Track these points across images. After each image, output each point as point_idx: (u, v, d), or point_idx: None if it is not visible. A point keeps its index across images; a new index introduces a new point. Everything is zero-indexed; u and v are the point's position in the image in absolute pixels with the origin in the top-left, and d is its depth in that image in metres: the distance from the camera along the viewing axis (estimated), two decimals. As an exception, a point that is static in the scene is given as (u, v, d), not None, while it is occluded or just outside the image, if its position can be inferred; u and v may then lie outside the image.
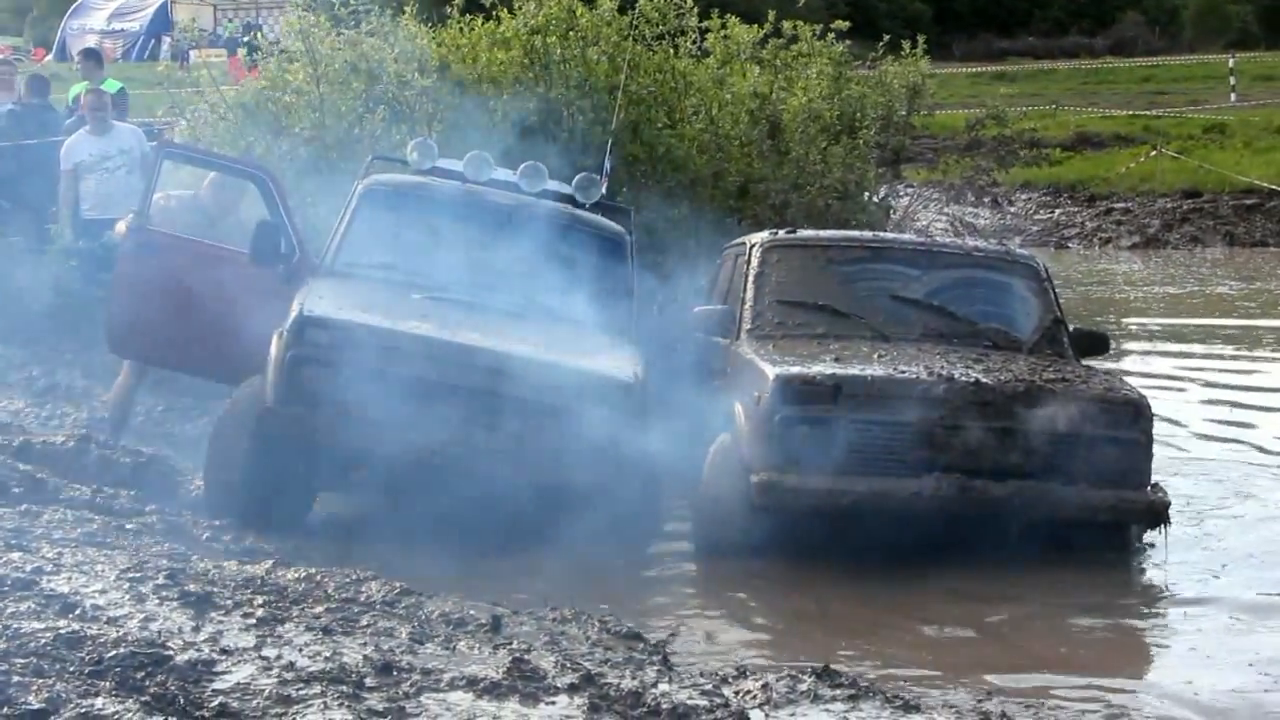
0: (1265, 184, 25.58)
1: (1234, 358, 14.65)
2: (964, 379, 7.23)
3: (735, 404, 7.58)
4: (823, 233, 9.31)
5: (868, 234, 9.72)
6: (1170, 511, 7.42)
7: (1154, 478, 7.51)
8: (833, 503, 7.07)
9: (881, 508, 7.07)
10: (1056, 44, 51.35)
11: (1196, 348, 15.02)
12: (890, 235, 9.82)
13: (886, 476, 7.10)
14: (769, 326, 8.20)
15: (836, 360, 7.44)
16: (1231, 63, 38.36)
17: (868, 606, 6.84)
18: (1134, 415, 7.35)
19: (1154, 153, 28.06)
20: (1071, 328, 8.57)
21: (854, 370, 7.29)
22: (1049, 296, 8.52)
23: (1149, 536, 7.66)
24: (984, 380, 7.24)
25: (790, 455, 7.14)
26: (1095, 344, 8.57)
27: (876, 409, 7.14)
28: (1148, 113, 34.72)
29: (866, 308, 8.25)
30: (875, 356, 7.52)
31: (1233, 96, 36.28)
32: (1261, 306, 18.47)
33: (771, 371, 7.31)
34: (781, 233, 8.87)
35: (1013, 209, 23.03)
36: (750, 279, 8.47)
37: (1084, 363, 8.25)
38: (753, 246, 8.70)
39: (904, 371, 7.29)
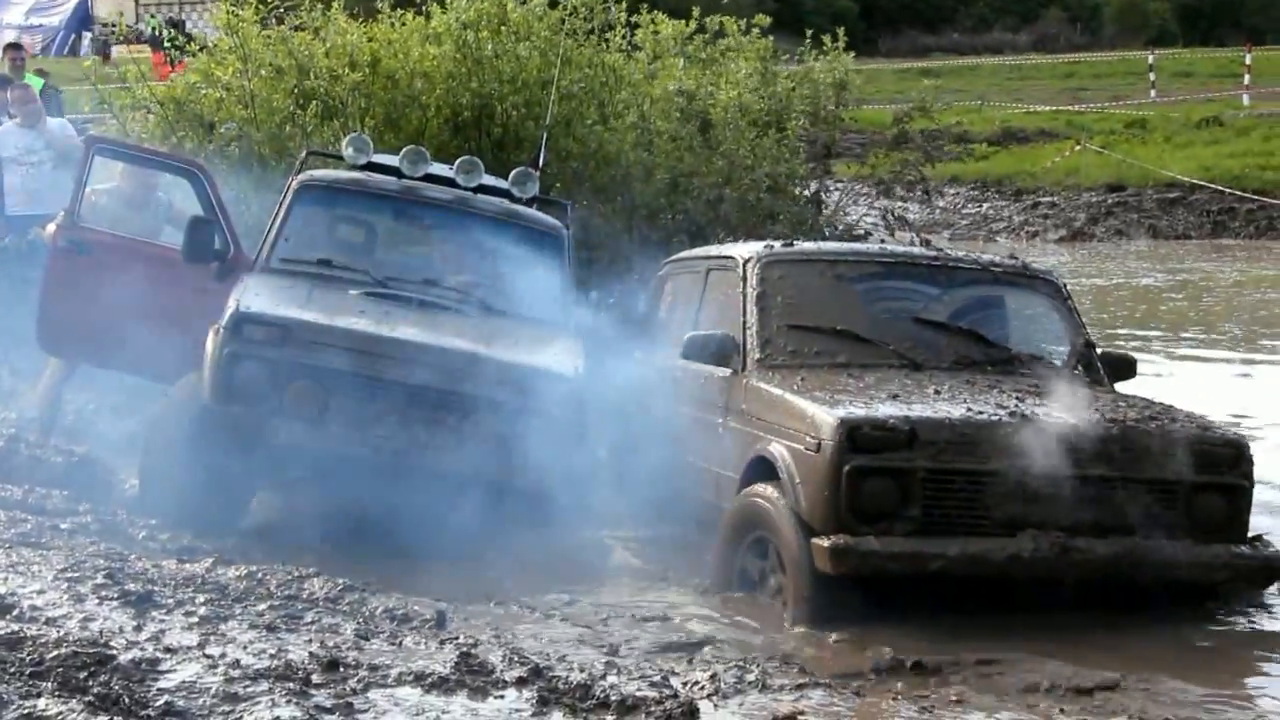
0: (1187, 178, 25.93)
1: (1163, 351, 14.85)
2: (1050, 420, 6.39)
3: (777, 449, 6.60)
4: (825, 246, 8.51)
5: (874, 247, 8.94)
6: None
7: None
8: (920, 567, 6.16)
9: (975, 572, 6.20)
10: (981, 40, 51.81)
11: (1124, 345, 15.18)
12: (900, 248, 9.00)
13: (976, 536, 6.21)
14: (781, 355, 7.25)
15: (897, 399, 6.52)
16: (1151, 59, 38.84)
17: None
18: (1236, 457, 6.56)
19: (1078, 147, 28.38)
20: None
21: (928, 412, 6.37)
22: (1075, 317, 7.79)
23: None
24: (1073, 421, 6.40)
25: (864, 514, 6.21)
26: (1123, 368, 7.82)
27: (958, 457, 6.25)
28: (1070, 108, 35.12)
29: (889, 332, 7.35)
30: (933, 392, 6.65)
31: (1152, 93, 36.74)
32: (1188, 298, 18.74)
33: (832, 414, 6.33)
34: (778, 245, 7.91)
35: (941, 203, 23.18)
36: (751, 300, 7.46)
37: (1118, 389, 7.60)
38: (747, 262, 7.68)
39: (982, 413, 6.41)
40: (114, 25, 20.00)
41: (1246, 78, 35.57)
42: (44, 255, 8.93)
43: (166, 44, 32.32)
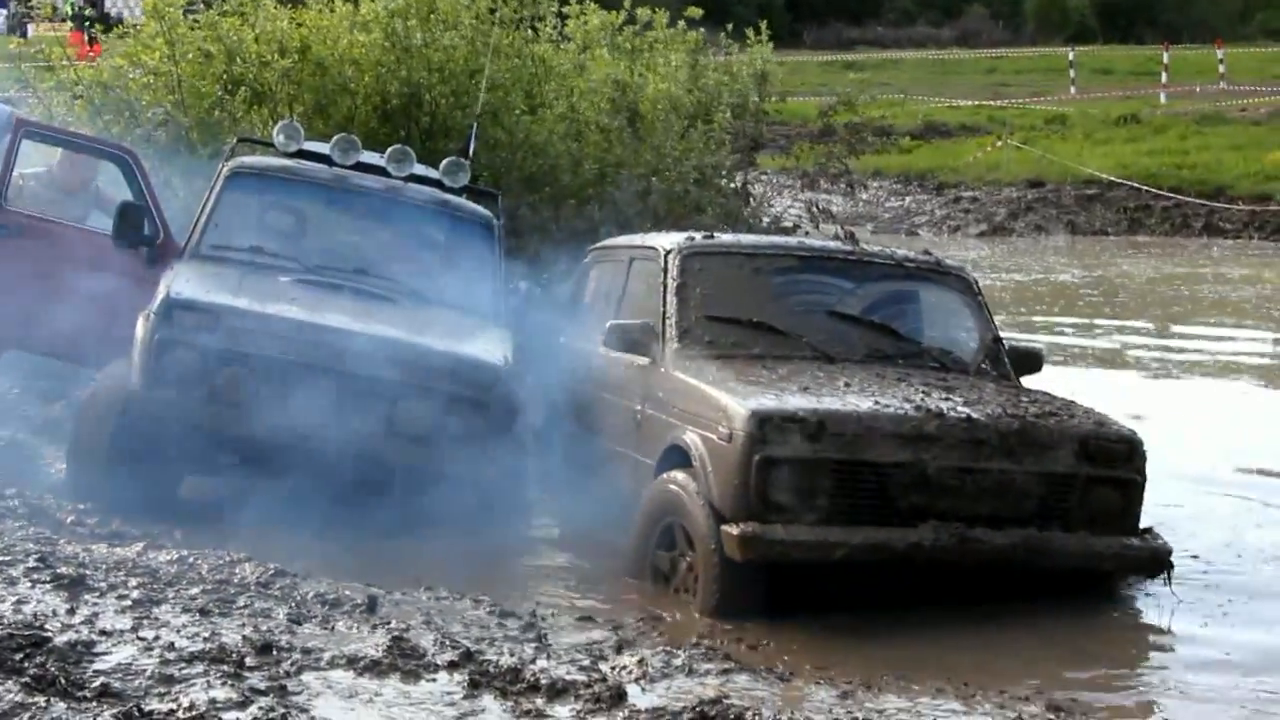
0: (1105, 175, 26.34)
1: (1077, 345, 15.12)
2: (954, 415, 6.58)
3: (691, 438, 6.74)
4: (744, 238, 8.60)
5: (792, 240, 9.08)
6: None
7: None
8: (825, 555, 6.33)
9: (878, 560, 6.37)
10: (904, 33, 52.22)
11: (1042, 337, 15.45)
12: (818, 242, 9.01)
13: (878, 526, 6.39)
14: (699, 345, 7.36)
15: (807, 391, 6.68)
16: (1071, 56, 39.34)
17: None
18: (1129, 452, 6.78)
19: (999, 143, 28.74)
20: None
21: (837, 405, 6.52)
22: (985, 312, 7.98)
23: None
24: (975, 416, 6.60)
25: (772, 503, 6.36)
26: (1029, 362, 8.01)
27: (864, 449, 6.42)
28: (992, 103, 35.52)
29: (804, 325, 7.52)
30: (843, 385, 6.80)
31: (1072, 89, 37.23)
32: (1104, 294, 19.06)
33: (744, 406, 6.48)
34: (698, 237, 7.99)
35: (865, 196, 23.40)
36: (671, 290, 7.59)
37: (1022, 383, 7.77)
38: (668, 253, 7.78)
39: (888, 406, 6.57)
40: (34, 4, 19.66)
41: (1164, 76, 36.12)
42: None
43: (86, 23, 31.90)
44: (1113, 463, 6.73)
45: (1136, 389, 12.63)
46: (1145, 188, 25.83)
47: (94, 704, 4.29)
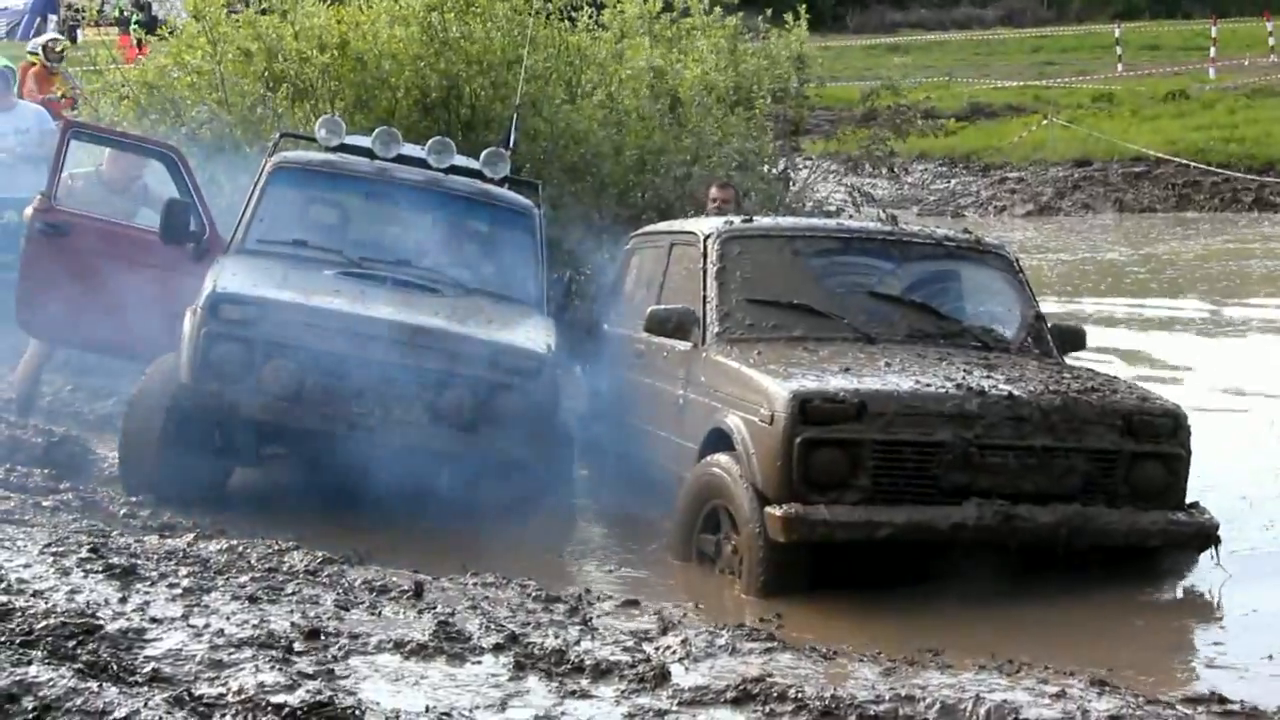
0: (1153, 152, 26.10)
1: (1126, 323, 15.04)
2: (996, 392, 6.58)
3: (733, 420, 6.79)
4: (783, 221, 8.62)
5: (831, 222, 9.10)
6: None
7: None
8: (869, 535, 6.36)
9: (921, 539, 6.41)
10: (948, 15, 51.87)
11: (1089, 307, 15.38)
12: (856, 224, 9.09)
13: (921, 505, 6.43)
14: (739, 329, 7.41)
15: (848, 372, 6.70)
16: (1118, 33, 38.98)
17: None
18: (1174, 426, 6.77)
19: (1045, 122, 28.53)
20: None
21: (878, 385, 6.55)
22: (1026, 290, 7.98)
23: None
24: (1017, 394, 6.61)
25: (814, 484, 6.41)
26: (1072, 340, 7.99)
27: (905, 428, 6.44)
28: (1038, 83, 35.23)
29: (845, 306, 7.54)
30: (884, 365, 6.83)
31: (1119, 66, 36.89)
32: (1152, 271, 18.93)
33: (784, 387, 6.51)
34: (737, 221, 8.00)
35: (910, 179, 23.28)
36: (710, 275, 7.63)
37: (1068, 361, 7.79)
38: (707, 237, 7.81)
39: (929, 385, 6.59)
40: (81, 8, 19.78)
41: (1212, 50, 35.76)
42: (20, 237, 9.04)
43: (133, 26, 32.20)
44: (1157, 437, 6.74)
45: (1185, 364, 12.54)
46: (1194, 163, 25.53)
47: (145, 688, 4.36)
